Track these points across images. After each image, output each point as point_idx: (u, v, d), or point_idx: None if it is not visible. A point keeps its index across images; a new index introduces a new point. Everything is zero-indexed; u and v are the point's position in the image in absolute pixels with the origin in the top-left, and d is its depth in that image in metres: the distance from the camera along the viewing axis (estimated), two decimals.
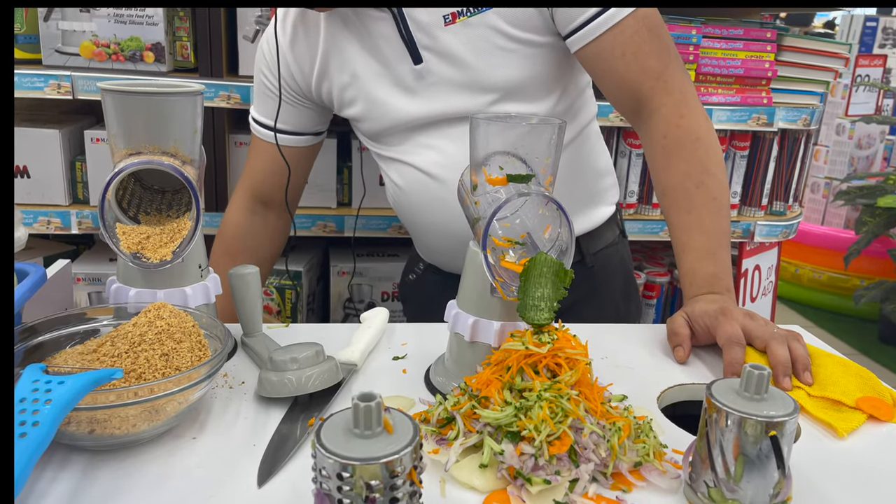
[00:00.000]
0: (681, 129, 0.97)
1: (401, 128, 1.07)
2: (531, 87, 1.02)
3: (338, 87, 1.08)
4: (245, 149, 1.59)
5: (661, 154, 0.99)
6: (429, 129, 1.05)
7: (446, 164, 1.04)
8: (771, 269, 2.00)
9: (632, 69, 0.97)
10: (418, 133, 1.06)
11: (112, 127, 0.79)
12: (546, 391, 0.65)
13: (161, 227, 0.82)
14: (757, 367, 0.60)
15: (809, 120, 1.73)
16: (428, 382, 0.82)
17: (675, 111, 0.98)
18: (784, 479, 0.59)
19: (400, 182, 1.11)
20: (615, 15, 0.95)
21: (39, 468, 0.63)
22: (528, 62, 1.00)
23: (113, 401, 0.61)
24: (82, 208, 1.53)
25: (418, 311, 1.28)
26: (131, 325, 0.71)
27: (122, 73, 1.48)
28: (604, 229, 1.17)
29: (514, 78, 1.01)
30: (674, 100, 0.98)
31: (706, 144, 0.98)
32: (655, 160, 1.01)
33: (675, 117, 0.97)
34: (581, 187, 1.13)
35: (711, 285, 0.93)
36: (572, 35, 0.98)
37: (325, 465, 0.49)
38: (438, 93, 1.02)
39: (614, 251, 1.19)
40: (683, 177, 0.97)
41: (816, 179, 3.86)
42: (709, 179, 0.96)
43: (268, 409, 0.75)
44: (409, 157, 1.08)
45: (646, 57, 0.96)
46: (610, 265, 1.18)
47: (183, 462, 0.65)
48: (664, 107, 0.98)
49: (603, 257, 1.16)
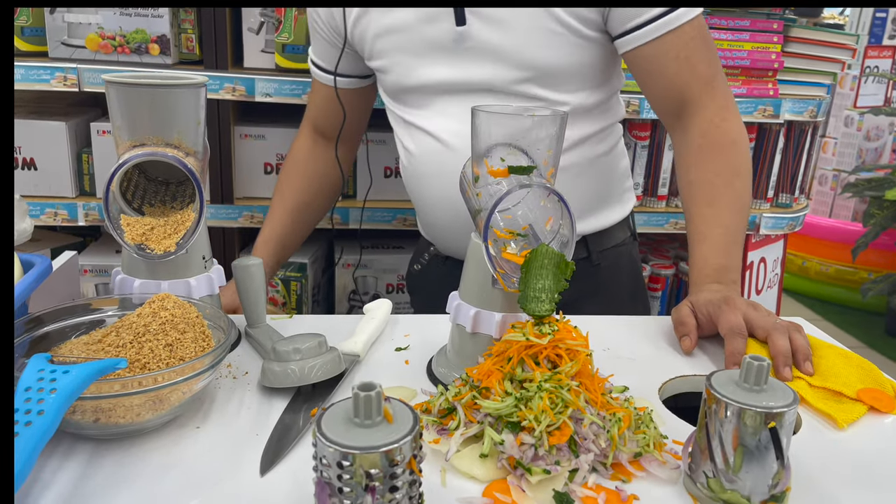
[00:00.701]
0: (720, 131, 1.01)
1: (425, 89, 1.06)
2: (566, 75, 1.03)
3: (373, 32, 1.06)
4: (250, 141, 1.60)
5: (695, 151, 1.02)
6: (452, 96, 1.05)
7: (463, 134, 1.04)
8: (777, 262, 1.99)
9: (683, 73, 1.00)
10: (441, 98, 1.06)
11: (116, 119, 0.79)
12: (546, 382, 0.65)
13: (165, 218, 0.83)
14: (757, 358, 0.60)
15: (816, 112, 1.72)
16: (430, 373, 0.82)
17: (718, 114, 1.01)
18: (783, 469, 0.59)
19: (412, 148, 1.11)
20: (677, 18, 0.98)
21: (44, 456, 0.63)
22: (571, 50, 1.01)
23: (118, 390, 0.62)
24: (89, 200, 1.54)
25: (425, 302, 1.29)
26: (136, 315, 0.72)
27: (128, 66, 1.48)
28: (615, 229, 1.17)
29: (553, 62, 1.01)
30: (717, 105, 1.01)
31: (740, 149, 1.02)
32: (687, 156, 1.03)
33: (718, 119, 1.01)
34: (601, 187, 1.14)
35: (719, 276, 0.94)
36: (627, 34, 1.00)
37: (326, 453, 0.50)
38: (473, 59, 1.02)
39: (623, 251, 1.19)
40: (714, 174, 1.00)
41: (824, 171, 3.84)
42: (737, 181, 1.00)
43: (271, 399, 0.75)
44: (426, 122, 1.08)
45: (698, 62, 1.00)
46: (618, 264, 1.18)
47: (187, 451, 0.66)
48: (707, 109, 1.01)
49: (611, 256, 1.16)
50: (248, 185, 1.62)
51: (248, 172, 1.61)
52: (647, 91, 1.05)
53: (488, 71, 1.02)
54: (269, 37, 1.54)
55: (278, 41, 1.52)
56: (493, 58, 1.01)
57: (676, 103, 1.03)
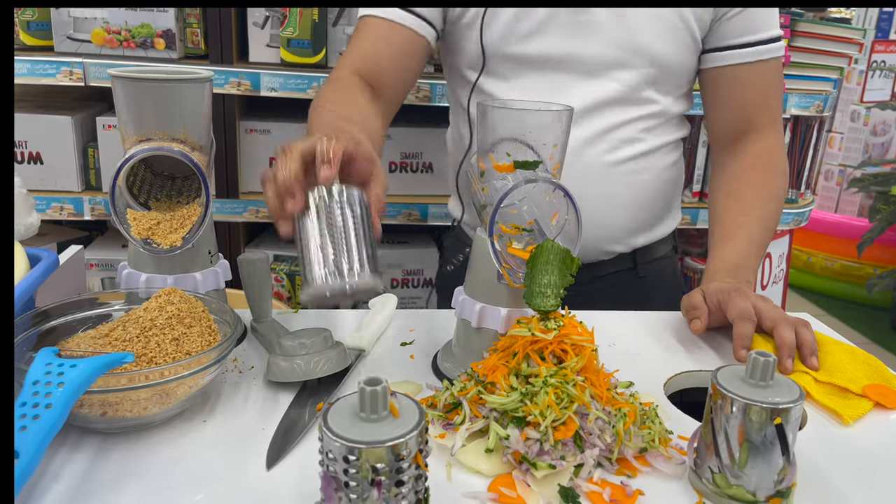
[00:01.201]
0: (774, 159, 1.06)
1: (517, 57, 1.02)
2: (671, 72, 1.04)
3: None
4: (255, 135, 1.60)
5: (745, 168, 1.06)
6: (539, 71, 1.02)
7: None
8: (782, 257, 1.99)
9: (759, 103, 1.05)
10: (530, 71, 1.02)
11: (122, 113, 0.79)
12: (552, 377, 0.65)
13: (171, 213, 0.83)
14: (762, 353, 0.60)
15: (822, 106, 1.72)
16: (435, 368, 0.82)
17: (776, 147, 1.07)
18: (789, 465, 0.59)
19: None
20: (777, 50, 1.03)
21: (52, 449, 0.64)
22: (682, 48, 1.02)
23: (124, 384, 0.62)
24: (95, 195, 1.55)
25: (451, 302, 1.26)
26: (142, 309, 0.72)
27: (133, 60, 1.49)
28: (662, 241, 1.17)
29: (665, 54, 1.01)
30: (777, 139, 1.07)
31: (784, 182, 1.08)
32: (734, 171, 1.07)
33: (775, 149, 1.07)
34: (665, 199, 1.14)
35: (734, 273, 0.96)
36: (726, 50, 1.03)
37: (332, 448, 0.50)
38: (582, 33, 1.00)
39: (667, 264, 1.19)
40: (755, 190, 1.04)
41: (830, 166, 3.82)
42: (772, 205, 1.04)
43: (276, 393, 0.75)
44: (502, 92, 1.04)
45: (772, 97, 1.06)
46: (662, 277, 1.18)
47: (193, 445, 0.66)
48: (768, 139, 1.06)
49: (656, 269, 1.16)
50: (254, 179, 1.62)
51: (253, 167, 1.61)
52: (715, 111, 1.09)
53: (595, 47, 1.00)
54: (275, 31, 1.54)
55: (283, 35, 1.52)
56: (605, 35, 1.00)
57: (740, 130, 1.07)
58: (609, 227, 1.07)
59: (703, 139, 1.73)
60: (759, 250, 1.01)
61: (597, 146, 1.03)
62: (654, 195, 1.10)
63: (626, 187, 1.06)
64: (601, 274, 1.11)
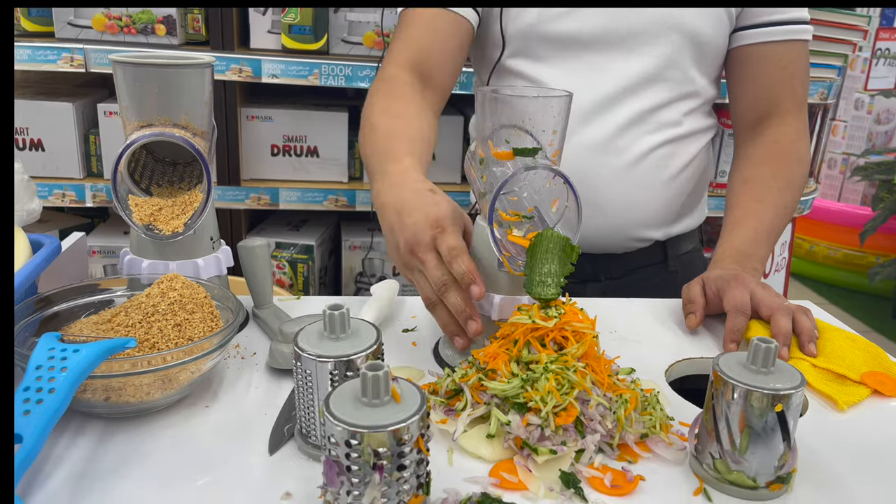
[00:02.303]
0: (793, 147, 1.05)
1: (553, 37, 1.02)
2: (709, 51, 1.03)
3: None
4: (256, 122, 1.60)
5: (764, 153, 1.05)
6: (576, 51, 1.02)
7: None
8: (784, 246, 1.98)
9: (783, 85, 1.04)
10: (566, 50, 1.02)
11: (124, 99, 0.79)
12: (552, 363, 0.65)
13: (173, 199, 0.83)
14: (764, 340, 0.60)
15: (827, 94, 1.71)
16: (437, 356, 0.83)
17: (797, 134, 1.05)
18: (789, 451, 0.59)
19: None
20: (802, 32, 1.03)
21: (55, 434, 0.64)
22: (719, 25, 1.03)
23: (127, 369, 0.63)
24: (96, 181, 1.55)
25: None
26: (144, 295, 0.72)
27: (134, 46, 1.48)
28: (690, 235, 1.17)
29: (702, 27, 1.01)
30: (799, 126, 1.06)
31: (803, 170, 1.05)
32: (752, 156, 1.06)
33: (795, 137, 1.05)
34: (698, 186, 1.13)
35: (740, 260, 0.95)
36: (753, 28, 1.02)
37: (334, 432, 0.50)
38: (616, 8, 1.00)
39: (696, 256, 1.19)
40: (771, 177, 1.03)
41: (833, 155, 3.81)
42: (788, 193, 1.03)
43: (279, 379, 0.76)
44: (547, 76, 1.03)
45: (798, 82, 1.05)
46: (692, 271, 1.15)
47: (196, 430, 0.67)
48: (789, 126, 1.05)
49: (685, 262, 1.16)
50: (255, 166, 1.62)
51: (254, 154, 1.61)
52: (739, 91, 1.08)
53: (631, 21, 1.00)
54: (276, 17, 1.53)
55: (285, 22, 1.51)
56: (640, 12, 1.00)
57: (762, 113, 1.06)
58: (644, 211, 1.07)
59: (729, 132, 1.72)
60: (770, 238, 0.99)
61: (639, 127, 1.04)
62: (689, 181, 1.10)
63: (663, 169, 1.06)
64: (633, 267, 1.11)
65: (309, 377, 0.61)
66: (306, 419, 0.63)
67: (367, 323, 0.65)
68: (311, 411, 0.62)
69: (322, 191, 1.62)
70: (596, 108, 1.03)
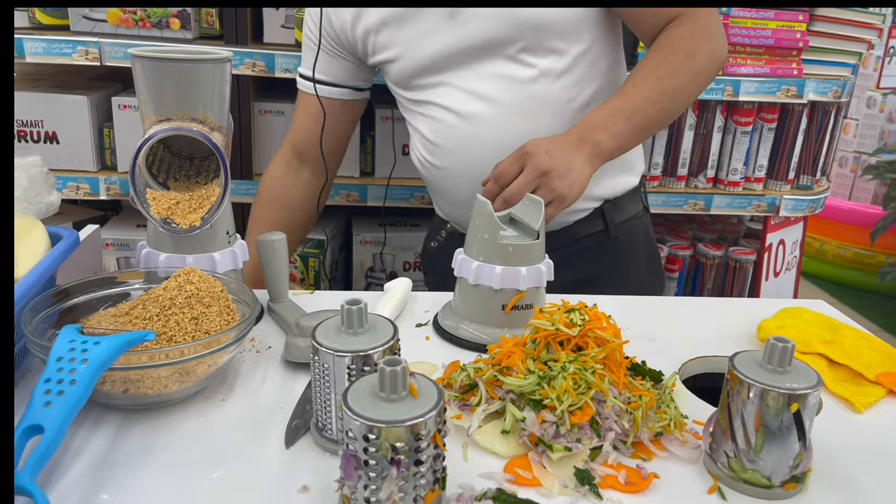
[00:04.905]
0: (682, 41, 1.01)
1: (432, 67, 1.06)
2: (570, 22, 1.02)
3: (375, 23, 1.07)
4: (269, 117, 1.60)
5: (652, 48, 1.03)
6: (458, 68, 1.05)
7: (478, 103, 1.05)
8: (795, 244, 1.98)
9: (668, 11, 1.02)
10: (448, 72, 1.06)
11: (142, 93, 0.80)
12: (570, 363, 0.65)
13: (190, 193, 0.84)
14: (780, 339, 0.60)
15: (840, 92, 1.70)
16: (437, 326, 0.87)
17: (690, 31, 1.01)
18: (805, 451, 0.59)
19: (427, 131, 1.11)
20: None
21: (75, 426, 0.65)
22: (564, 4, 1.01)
23: (146, 362, 0.63)
24: (110, 174, 1.55)
25: (440, 280, 1.29)
26: (162, 289, 0.73)
27: (149, 40, 1.49)
28: (627, 200, 1.17)
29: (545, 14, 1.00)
30: (694, 26, 1.01)
31: (694, 64, 1.00)
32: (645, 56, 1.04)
33: (687, 34, 1.01)
34: None
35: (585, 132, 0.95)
36: None
37: (352, 426, 0.51)
38: (469, 24, 1.01)
39: (639, 223, 1.19)
40: (654, 65, 1.00)
41: (845, 153, 3.79)
42: (671, 80, 0.99)
43: (294, 373, 0.76)
44: (439, 99, 1.08)
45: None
46: (634, 238, 1.18)
47: (213, 422, 0.67)
48: (682, 26, 1.02)
49: (627, 229, 1.16)
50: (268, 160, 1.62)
51: (267, 148, 1.62)
52: (637, 31, 1.06)
53: (483, 30, 1.01)
54: (289, 12, 1.53)
55: (298, 16, 1.51)
56: (486, 19, 1.01)
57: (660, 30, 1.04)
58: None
59: (718, 124, 1.72)
60: (635, 117, 0.97)
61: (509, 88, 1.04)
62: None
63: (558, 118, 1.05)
64: (576, 237, 1.12)
65: (326, 371, 0.61)
66: (323, 413, 0.63)
67: (384, 318, 0.65)
68: (328, 405, 0.62)
69: (334, 186, 1.62)
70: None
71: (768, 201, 1.76)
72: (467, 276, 0.84)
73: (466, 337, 0.84)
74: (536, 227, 0.82)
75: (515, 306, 0.82)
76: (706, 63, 1.02)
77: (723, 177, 1.76)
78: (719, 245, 1.87)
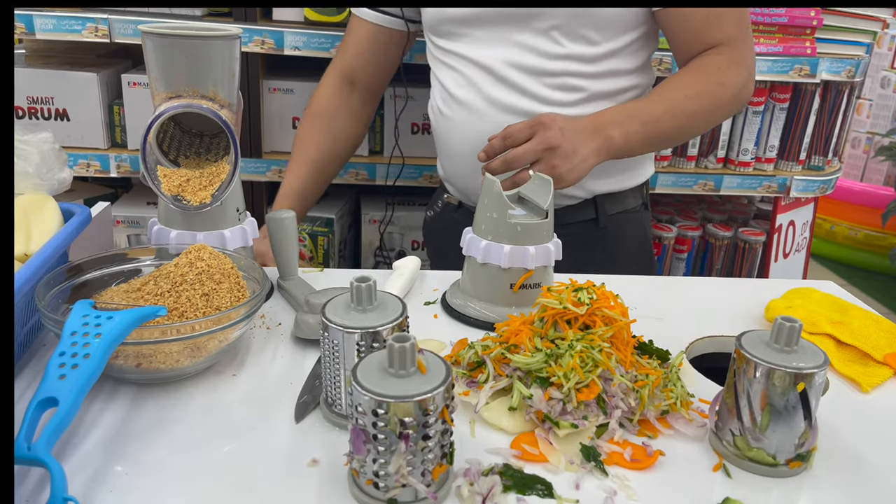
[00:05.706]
0: (717, 70, 1.01)
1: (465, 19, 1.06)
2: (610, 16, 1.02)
3: None
4: (278, 95, 1.60)
5: (685, 68, 1.04)
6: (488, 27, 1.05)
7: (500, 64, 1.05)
8: (806, 225, 1.97)
9: (711, 30, 1.01)
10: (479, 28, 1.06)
11: (152, 70, 0.80)
12: (578, 342, 0.66)
13: (200, 170, 0.84)
14: (788, 319, 0.60)
15: (854, 72, 1.68)
16: (445, 304, 0.88)
17: (727, 61, 1.02)
18: (810, 429, 0.60)
19: (449, 82, 1.11)
20: None
21: (89, 399, 0.66)
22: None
23: (157, 337, 0.64)
24: (121, 152, 1.56)
25: (438, 248, 1.30)
26: (173, 265, 0.73)
27: (157, 17, 1.48)
28: (626, 195, 1.16)
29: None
30: (734, 55, 1.02)
31: (723, 93, 1.01)
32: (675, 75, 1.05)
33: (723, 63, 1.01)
34: None
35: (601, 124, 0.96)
36: None
37: (361, 401, 0.51)
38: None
39: (633, 217, 1.18)
40: (683, 84, 1.01)
41: (858, 134, 3.75)
42: (695, 103, 1.00)
43: (304, 349, 0.77)
44: (464, 50, 1.08)
45: (724, 20, 1.01)
46: (626, 231, 1.17)
47: (224, 397, 0.68)
48: (720, 55, 1.02)
49: (619, 221, 1.15)
50: (277, 138, 1.63)
51: (276, 126, 1.62)
52: (674, 49, 1.06)
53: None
54: None
55: None
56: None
57: (697, 53, 1.04)
58: None
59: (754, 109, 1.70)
60: (650, 127, 0.98)
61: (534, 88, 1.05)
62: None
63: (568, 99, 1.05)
64: (563, 222, 1.11)
65: (336, 347, 0.62)
66: (332, 388, 0.64)
67: (393, 296, 0.66)
68: (338, 381, 0.63)
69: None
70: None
71: (779, 182, 1.75)
72: (476, 255, 0.84)
73: (474, 315, 0.84)
74: (545, 207, 0.82)
75: (524, 285, 0.82)
76: (731, 97, 1.03)
77: (733, 157, 1.75)
78: (729, 226, 1.86)
